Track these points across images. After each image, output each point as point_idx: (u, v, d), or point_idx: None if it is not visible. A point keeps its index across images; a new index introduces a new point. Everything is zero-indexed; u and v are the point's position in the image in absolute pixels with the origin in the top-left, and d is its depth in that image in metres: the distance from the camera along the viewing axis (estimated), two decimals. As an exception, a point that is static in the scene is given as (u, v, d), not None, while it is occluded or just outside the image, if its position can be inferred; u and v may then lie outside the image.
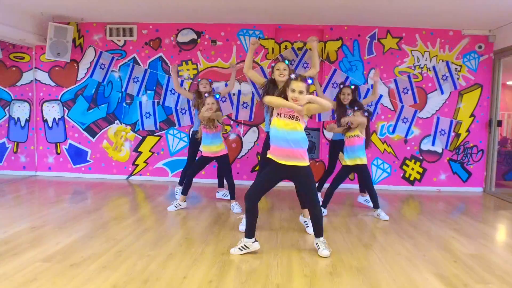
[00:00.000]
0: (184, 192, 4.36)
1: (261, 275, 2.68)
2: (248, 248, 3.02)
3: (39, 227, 3.61)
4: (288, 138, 2.92)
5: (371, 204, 4.46)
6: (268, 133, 3.43)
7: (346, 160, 4.22)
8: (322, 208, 3.91)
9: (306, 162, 3.01)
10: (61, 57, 5.61)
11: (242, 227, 3.50)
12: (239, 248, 3.01)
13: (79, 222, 3.79)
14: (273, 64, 3.77)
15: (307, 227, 3.65)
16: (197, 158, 4.71)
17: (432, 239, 3.58)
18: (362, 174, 4.29)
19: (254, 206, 3.01)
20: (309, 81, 2.91)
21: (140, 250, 3.07)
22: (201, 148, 4.40)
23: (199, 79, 4.85)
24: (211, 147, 4.32)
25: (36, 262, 2.76)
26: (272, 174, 3.05)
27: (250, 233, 3.04)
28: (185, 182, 4.37)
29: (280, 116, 2.95)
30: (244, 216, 3.53)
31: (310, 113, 3.04)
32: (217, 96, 4.23)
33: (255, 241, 3.06)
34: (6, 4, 4.92)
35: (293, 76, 2.92)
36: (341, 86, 4.56)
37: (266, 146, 3.37)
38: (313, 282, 2.58)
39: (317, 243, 3.11)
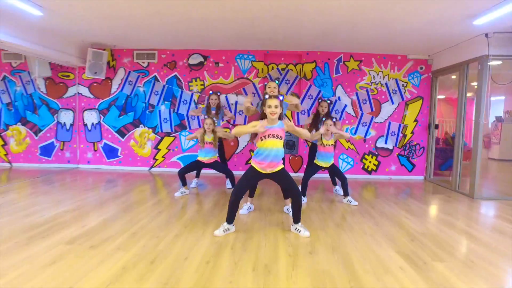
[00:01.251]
0: (184, 184, 4.32)
1: (251, 255, 2.47)
2: (229, 230, 2.91)
3: (72, 210, 3.47)
4: (272, 154, 2.81)
5: (341, 193, 4.41)
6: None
7: (321, 162, 4.05)
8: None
9: (281, 166, 2.91)
10: (98, 75, 5.71)
11: (243, 211, 3.47)
12: (223, 231, 2.86)
13: (107, 206, 3.67)
14: (265, 83, 3.90)
15: (290, 213, 3.37)
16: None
17: (389, 219, 3.46)
18: (334, 170, 4.16)
19: (238, 200, 2.88)
20: (280, 97, 2.79)
21: (152, 231, 2.88)
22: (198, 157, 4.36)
23: (211, 92, 4.82)
24: (205, 158, 4.31)
25: (60, 245, 2.55)
26: (254, 179, 2.97)
27: (231, 220, 2.91)
28: (180, 178, 4.29)
29: (268, 138, 2.80)
30: (245, 204, 3.54)
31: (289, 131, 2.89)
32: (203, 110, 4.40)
33: (233, 225, 2.95)
34: (54, 33, 4.96)
35: (267, 96, 2.82)
36: (319, 100, 4.40)
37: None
38: (296, 262, 2.37)
39: (296, 228, 2.95)
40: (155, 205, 3.80)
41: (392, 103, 5.94)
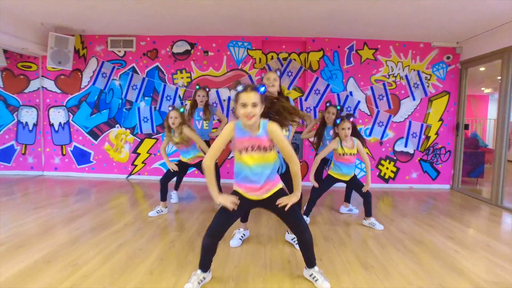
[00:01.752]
0: (163, 198, 3.49)
1: None
2: (205, 279, 2.04)
3: (22, 233, 2.80)
4: (257, 172, 1.90)
5: (354, 212, 3.67)
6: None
7: (338, 174, 3.23)
8: (305, 216, 3.16)
9: (278, 187, 1.99)
10: (63, 65, 4.84)
11: (234, 242, 2.65)
12: (197, 283, 1.97)
13: (55, 232, 2.90)
14: (263, 74, 3.02)
15: (296, 243, 2.66)
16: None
17: (432, 254, 2.58)
18: (355, 182, 3.27)
19: (215, 244, 1.97)
20: (262, 89, 1.83)
21: (100, 282, 2.01)
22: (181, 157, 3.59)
23: (197, 87, 3.98)
24: (186, 158, 3.57)
25: None
26: (240, 209, 1.95)
27: (205, 267, 2.02)
28: (161, 189, 3.49)
29: (246, 151, 1.88)
30: (237, 231, 2.74)
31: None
32: (182, 109, 3.44)
33: (210, 272, 2.08)
34: (6, 13, 4.18)
35: (239, 87, 1.83)
36: (328, 104, 3.72)
37: None
38: None
39: (311, 274, 2.06)
40: (118, 232, 2.92)
41: (414, 99, 5.14)
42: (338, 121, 3.13)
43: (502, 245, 2.87)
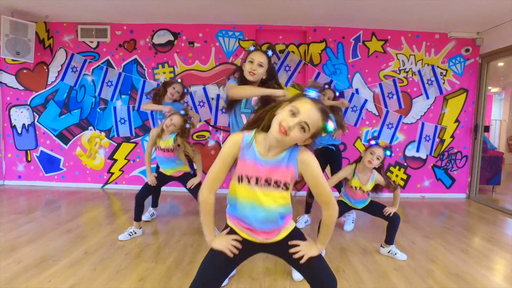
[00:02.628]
0: (137, 218, 2.97)
1: None
2: None
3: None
4: (261, 216, 1.29)
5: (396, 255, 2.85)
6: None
7: (349, 203, 2.75)
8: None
9: (292, 226, 1.39)
10: (22, 57, 4.27)
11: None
12: None
13: (31, 248, 2.59)
14: (250, 48, 2.31)
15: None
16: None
17: (460, 280, 2.28)
18: (372, 208, 2.76)
19: None
20: (269, 52, 2.16)
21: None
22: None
23: (178, 80, 3.54)
24: (167, 169, 3.00)
25: None
26: (238, 255, 1.34)
27: None
28: (136, 207, 2.98)
29: (249, 182, 1.27)
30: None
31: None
32: (183, 112, 2.93)
33: None
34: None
35: (252, 48, 2.16)
36: (325, 87, 3.44)
37: None
38: None
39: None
40: (74, 265, 2.38)
41: (427, 97, 4.70)
42: (375, 142, 2.54)
43: None
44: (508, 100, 8.71)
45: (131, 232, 2.96)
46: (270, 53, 2.18)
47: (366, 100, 4.65)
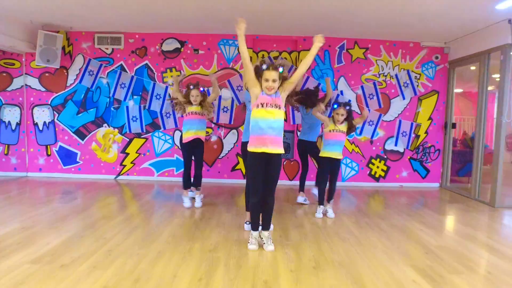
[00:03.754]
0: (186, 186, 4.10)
1: (248, 272, 2.41)
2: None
3: (29, 227, 3.15)
4: (274, 126, 2.67)
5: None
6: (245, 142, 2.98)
7: (329, 152, 3.75)
8: (322, 206, 3.83)
9: (282, 150, 2.76)
10: (51, 63, 5.06)
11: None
12: (255, 239, 2.84)
13: (69, 222, 3.37)
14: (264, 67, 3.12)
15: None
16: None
17: (401, 231, 3.37)
18: (336, 169, 3.87)
19: (259, 201, 2.80)
20: (280, 69, 2.69)
21: (130, 249, 2.73)
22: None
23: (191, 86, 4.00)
24: (197, 130, 4.01)
25: (25, 264, 2.40)
26: (256, 165, 2.75)
27: (257, 226, 2.86)
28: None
29: (264, 106, 2.66)
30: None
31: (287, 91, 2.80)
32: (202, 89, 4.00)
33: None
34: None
35: (264, 66, 2.68)
36: (335, 106, 3.77)
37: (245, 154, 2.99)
38: (299, 277, 2.35)
39: (262, 238, 2.86)
40: (128, 219, 3.51)
41: (403, 98, 5.58)
42: (336, 105, 3.70)
43: (462, 225, 3.76)
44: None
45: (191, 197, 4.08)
46: (281, 69, 2.71)
47: (350, 100, 5.47)
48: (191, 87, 3.92)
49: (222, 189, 5.03)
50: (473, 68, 5.99)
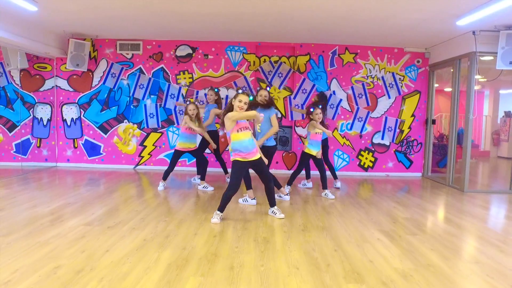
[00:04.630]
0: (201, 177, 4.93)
1: (251, 232, 3.13)
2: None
3: (74, 203, 3.92)
4: (250, 143, 3.39)
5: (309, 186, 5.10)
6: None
7: (313, 151, 4.45)
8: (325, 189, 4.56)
9: (259, 155, 3.52)
10: (80, 67, 5.83)
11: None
12: (218, 218, 3.41)
13: (105, 200, 4.13)
14: (258, 88, 4.31)
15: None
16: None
17: (378, 208, 4.09)
18: (319, 161, 4.54)
19: (235, 192, 3.50)
20: (250, 97, 3.35)
21: (158, 217, 3.47)
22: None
23: (209, 88, 5.16)
24: (194, 143, 4.85)
25: (80, 226, 3.13)
26: (243, 169, 3.50)
27: (223, 210, 3.50)
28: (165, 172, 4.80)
29: (241, 130, 3.34)
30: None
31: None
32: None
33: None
34: (34, 23, 5.09)
35: (240, 91, 3.35)
36: (312, 110, 4.47)
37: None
38: (290, 235, 3.07)
39: (273, 211, 3.61)
40: (152, 198, 4.27)
41: (389, 97, 6.27)
42: (312, 109, 4.40)
43: (430, 204, 4.45)
44: (492, 97, 9.95)
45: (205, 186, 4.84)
46: (251, 98, 3.39)
47: (341, 100, 6.22)
48: (187, 102, 4.75)
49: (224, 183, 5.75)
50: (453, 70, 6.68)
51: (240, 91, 3.36)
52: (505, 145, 9.22)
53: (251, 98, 3.36)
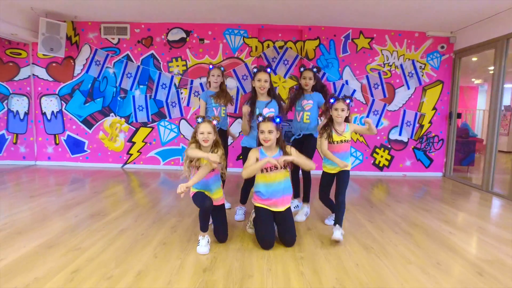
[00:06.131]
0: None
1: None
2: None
3: (71, 199, 3.67)
4: (279, 188, 2.58)
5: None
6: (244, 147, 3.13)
7: (328, 166, 2.94)
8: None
9: (289, 205, 2.68)
10: (55, 52, 5.01)
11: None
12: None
13: (51, 220, 3.05)
14: (254, 70, 3.05)
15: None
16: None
17: (429, 235, 2.87)
18: (345, 179, 2.88)
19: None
20: (277, 120, 2.53)
21: (103, 267, 2.14)
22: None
23: (211, 67, 3.46)
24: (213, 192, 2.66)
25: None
26: (269, 220, 2.56)
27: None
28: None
29: (265, 172, 2.55)
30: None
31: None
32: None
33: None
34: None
35: (260, 118, 2.54)
36: (301, 69, 3.34)
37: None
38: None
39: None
40: (118, 219, 3.11)
41: (408, 88, 5.49)
42: (333, 100, 2.80)
43: (492, 226, 3.23)
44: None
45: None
46: (278, 120, 2.53)
47: (354, 90, 5.43)
48: (199, 120, 2.54)
49: (227, 177, 5.00)
50: (474, 59, 5.92)
51: (199, 119, 2.49)
52: (505, 139, 8.85)
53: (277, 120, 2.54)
